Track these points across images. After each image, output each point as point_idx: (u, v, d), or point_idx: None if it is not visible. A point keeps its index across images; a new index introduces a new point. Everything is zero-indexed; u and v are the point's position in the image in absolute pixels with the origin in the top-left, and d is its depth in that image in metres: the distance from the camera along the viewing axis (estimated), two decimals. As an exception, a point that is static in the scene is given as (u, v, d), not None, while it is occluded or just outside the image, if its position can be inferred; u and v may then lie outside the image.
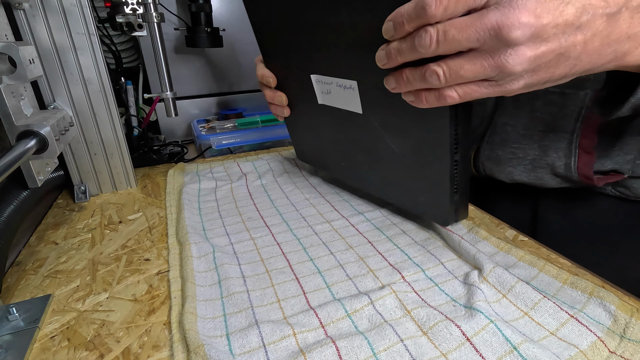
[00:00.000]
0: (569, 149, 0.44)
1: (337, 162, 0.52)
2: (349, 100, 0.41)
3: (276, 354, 0.28)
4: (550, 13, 0.22)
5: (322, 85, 0.44)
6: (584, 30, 0.23)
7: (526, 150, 0.47)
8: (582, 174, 0.43)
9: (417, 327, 0.30)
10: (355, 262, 0.39)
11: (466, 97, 0.27)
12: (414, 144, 0.38)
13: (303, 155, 0.59)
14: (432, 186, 0.39)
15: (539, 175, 0.47)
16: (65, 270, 0.39)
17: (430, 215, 0.42)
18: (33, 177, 0.42)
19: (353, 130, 0.44)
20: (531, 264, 0.36)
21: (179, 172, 0.63)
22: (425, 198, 0.40)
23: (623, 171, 0.43)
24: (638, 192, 0.44)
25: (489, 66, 0.24)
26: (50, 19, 0.48)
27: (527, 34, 0.23)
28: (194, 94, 0.88)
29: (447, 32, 0.24)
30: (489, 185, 0.56)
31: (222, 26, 0.80)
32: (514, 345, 0.27)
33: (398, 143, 0.39)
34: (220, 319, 0.31)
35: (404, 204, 0.46)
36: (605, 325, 0.29)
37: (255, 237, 0.44)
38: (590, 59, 0.25)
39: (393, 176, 0.43)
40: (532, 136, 0.46)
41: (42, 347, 0.30)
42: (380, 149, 0.42)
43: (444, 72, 0.26)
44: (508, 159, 0.49)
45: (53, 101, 0.51)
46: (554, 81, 0.26)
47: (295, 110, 0.52)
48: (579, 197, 0.48)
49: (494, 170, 0.51)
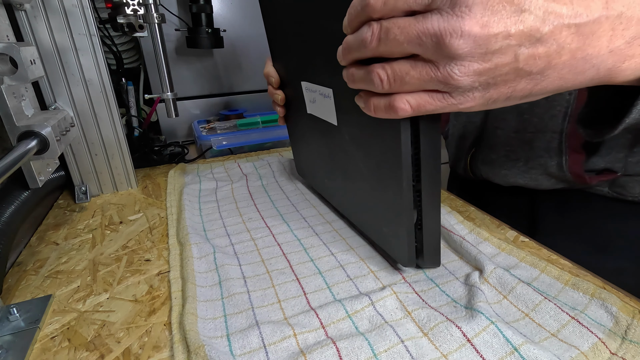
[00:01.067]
0: (559, 149, 0.44)
1: (322, 179, 0.50)
2: (328, 110, 0.39)
3: (276, 354, 0.28)
4: (502, 22, 0.20)
5: (310, 94, 0.42)
6: (547, 42, 0.20)
7: (518, 152, 0.47)
8: (573, 173, 0.43)
9: (417, 328, 0.30)
10: (355, 263, 0.39)
11: (419, 109, 0.24)
12: (376, 164, 0.34)
13: (300, 168, 0.58)
14: (393, 217, 0.34)
15: (534, 177, 0.47)
16: (66, 270, 0.39)
17: (392, 251, 0.37)
18: (34, 178, 0.42)
19: (332, 144, 0.42)
20: (532, 265, 0.36)
21: (179, 172, 0.63)
22: (387, 230, 0.36)
23: (616, 169, 0.43)
24: (634, 192, 0.44)
25: (435, 76, 0.22)
26: (51, 20, 0.48)
27: (471, 45, 0.20)
28: (195, 95, 0.88)
29: (389, 29, 0.22)
30: (486, 188, 0.56)
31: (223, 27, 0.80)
32: (514, 346, 0.27)
33: (364, 160, 0.36)
34: (221, 320, 0.31)
35: (370, 234, 0.41)
36: (606, 327, 0.29)
37: (255, 238, 0.44)
38: (560, 74, 0.22)
39: (362, 200, 0.39)
40: (522, 138, 0.46)
41: (43, 347, 0.30)
42: (352, 167, 0.39)
43: (388, 76, 0.24)
44: (502, 162, 0.49)
45: (54, 102, 0.51)
46: (518, 98, 0.24)
47: (294, 119, 0.52)
48: (576, 198, 0.48)
49: (489, 173, 0.52)
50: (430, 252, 0.34)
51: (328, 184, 0.48)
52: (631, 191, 0.44)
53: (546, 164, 0.45)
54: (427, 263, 0.35)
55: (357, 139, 0.36)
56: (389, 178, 0.32)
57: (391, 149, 0.30)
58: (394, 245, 0.36)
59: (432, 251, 0.34)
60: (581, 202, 0.48)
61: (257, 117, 0.83)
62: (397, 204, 0.32)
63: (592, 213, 0.48)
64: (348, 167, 0.40)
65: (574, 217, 0.49)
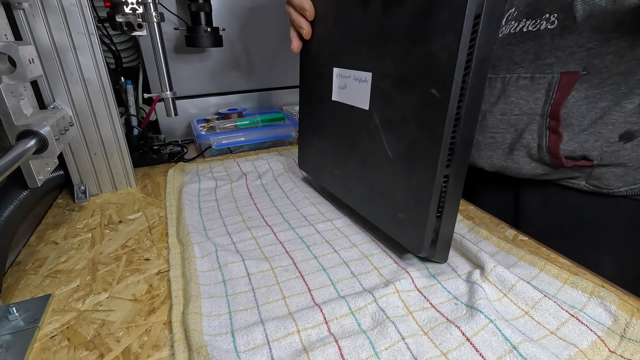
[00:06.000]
0: (541, 130, 0.45)
1: (331, 170, 0.51)
2: (360, 95, 0.41)
3: (280, 351, 0.28)
4: None
5: (341, 80, 0.44)
6: None
7: (504, 134, 0.49)
8: (551, 154, 0.45)
9: (418, 327, 0.30)
10: (359, 260, 0.39)
11: None
12: (407, 148, 0.35)
13: (304, 162, 0.59)
14: (414, 203, 0.35)
15: (515, 159, 0.49)
16: (65, 270, 0.39)
17: (405, 238, 0.37)
18: (33, 177, 0.41)
19: (355, 130, 0.44)
20: (532, 263, 0.36)
21: (178, 171, 0.63)
22: (404, 216, 0.37)
23: (592, 158, 0.44)
24: (609, 184, 0.45)
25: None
26: (50, 19, 0.47)
27: None
28: (194, 94, 0.88)
29: None
30: (473, 176, 0.58)
31: (222, 26, 0.80)
32: (513, 344, 0.27)
33: (393, 145, 0.37)
34: (226, 317, 0.31)
35: (380, 223, 0.42)
36: (605, 325, 0.29)
37: (257, 236, 0.44)
38: None
39: (378, 188, 0.40)
40: (508, 120, 0.48)
41: (42, 346, 0.30)
42: (375, 153, 0.40)
43: None
44: (488, 143, 0.51)
45: (53, 101, 0.51)
46: None
47: (310, 109, 0.53)
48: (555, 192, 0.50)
49: (475, 156, 0.53)
50: (443, 244, 0.35)
51: (337, 174, 0.49)
52: (607, 183, 0.46)
53: (529, 145, 0.47)
54: (438, 255, 0.36)
55: (390, 123, 0.37)
56: (419, 162, 0.34)
57: (431, 132, 0.31)
58: (408, 233, 0.36)
59: (444, 244, 0.36)
60: (559, 196, 0.50)
61: (256, 116, 0.83)
62: (422, 189, 0.33)
63: (570, 207, 0.50)
64: (369, 153, 0.41)
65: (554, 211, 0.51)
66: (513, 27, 0.45)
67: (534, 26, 0.43)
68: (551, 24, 0.41)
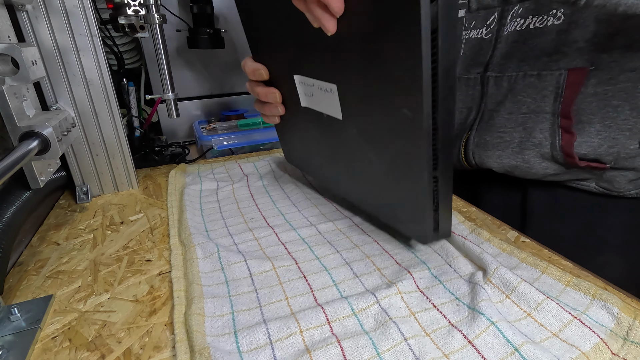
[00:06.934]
0: (553, 129, 0.45)
1: (319, 167, 0.50)
2: (330, 105, 0.39)
3: (282, 351, 0.28)
4: None
5: (305, 87, 0.42)
6: None
7: (512, 134, 0.48)
8: (565, 153, 0.44)
9: (421, 328, 0.30)
10: (361, 261, 0.39)
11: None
12: (392, 156, 0.35)
13: (290, 157, 0.57)
14: (410, 201, 0.36)
15: (526, 158, 0.48)
16: (67, 270, 0.39)
17: (409, 230, 0.39)
18: (35, 178, 0.42)
19: (334, 136, 0.42)
20: (534, 265, 0.36)
21: (180, 173, 0.63)
22: (404, 212, 0.38)
23: (605, 162, 0.43)
24: (620, 187, 0.45)
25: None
26: (52, 21, 0.48)
27: None
28: (196, 95, 0.88)
29: None
30: (480, 177, 0.57)
31: (224, 27, 0.80)
32: (515, 346, 0.27)
33: (376, 153, 0.37)
34: (229, 317, 0.31)
35: (382, 217, 0.43)
36: (608, 328, 0.29)
37: (259, 237, 0.44)
38: None
39: (371, 187, 0.41)
40: (516, 119, 0.47)
41: (44, 347, 0.30)
42: (359, 158, 0.40)
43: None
44: (496, 143, 0.50)
45: (55, 102, 0.51)
46: None
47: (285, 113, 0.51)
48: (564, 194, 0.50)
49: (483, 156, 0.52)
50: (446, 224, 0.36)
51: (327, 172, 0.48)
52: (617, 186, 0.45)
53: (541, 144, 0.46)
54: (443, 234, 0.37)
55: (369, 134, 0.36)
56: (405, 168, 0.34)
57: (411, 144, 0.31)
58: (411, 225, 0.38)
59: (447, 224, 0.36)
60: (568, 198, 0.49)
61: (258, 117, 0.83)
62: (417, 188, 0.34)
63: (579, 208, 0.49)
64: (354, 157, 0.40)
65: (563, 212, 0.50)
66: (519, 25, 0.44)
67: (541, 22, 0.42)
68: (557, 20, 0.41)
